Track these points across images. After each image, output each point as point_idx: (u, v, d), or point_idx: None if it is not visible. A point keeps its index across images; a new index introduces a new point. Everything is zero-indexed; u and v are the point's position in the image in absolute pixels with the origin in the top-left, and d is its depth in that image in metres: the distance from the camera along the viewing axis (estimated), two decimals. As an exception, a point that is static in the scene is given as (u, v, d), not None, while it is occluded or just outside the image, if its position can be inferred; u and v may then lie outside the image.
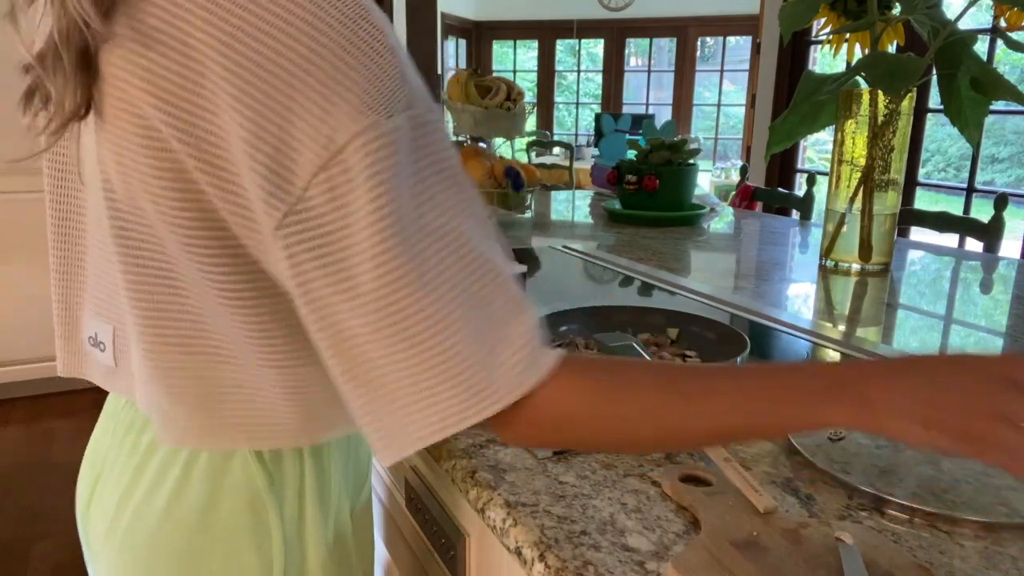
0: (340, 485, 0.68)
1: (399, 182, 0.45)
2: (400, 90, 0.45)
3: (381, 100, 0.44)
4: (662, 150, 1.98)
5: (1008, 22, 1.35)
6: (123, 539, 0.62)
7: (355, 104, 0.44)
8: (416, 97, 0.47)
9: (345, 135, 0.43)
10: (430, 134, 0.47)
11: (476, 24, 7.76)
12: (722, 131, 7.66)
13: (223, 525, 0.61)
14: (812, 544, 0.53)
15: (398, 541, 0.96)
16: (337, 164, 0.43)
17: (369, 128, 0.44)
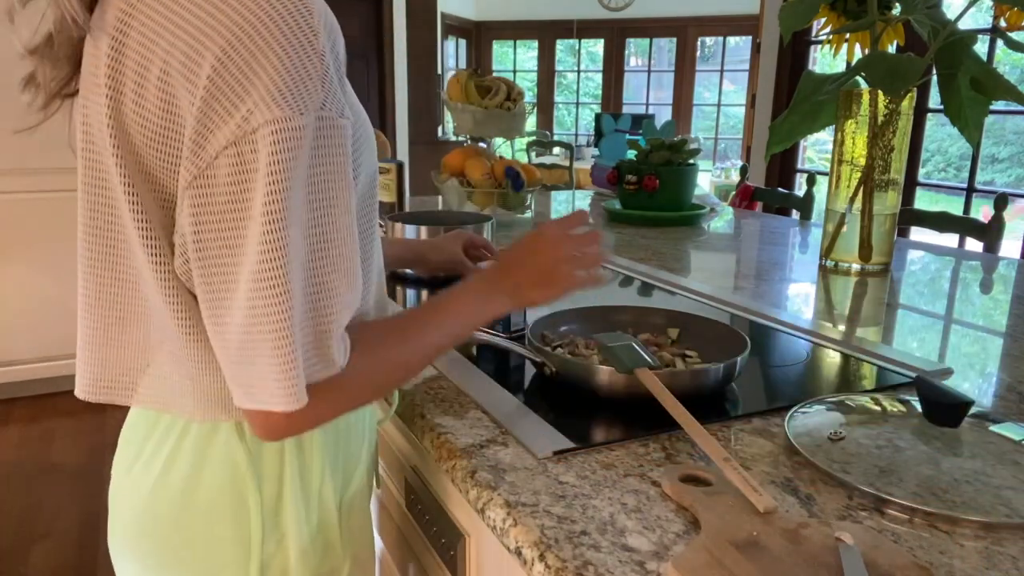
0: (325, 470, 0.69)
1: (296, 175, 0.51)
2: (317, 92, 0.51)
3: (298, 96, 0.50)
4: (662, 150, 1.98)
5: (1008, 22, 1.35)
6: (122, 505, 0.67)
7: (272, 92, 0.50)
8: (332, 103, 0.53)
9: (259, 119, 0.49)
10: (333, 139, 0.53)
11: (476, 24, 7.76)
12: (722, 131, 7.65)
13: (205, 497, 0.64)
14: (812, 544, 0.53)
15: (398, 541, 0.96)
16: (247, 143, 0.50)
17: (282, 119, 0.49)
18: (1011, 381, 0.92)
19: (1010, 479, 0.64)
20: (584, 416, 0.79)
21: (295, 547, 0.67)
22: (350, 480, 0.74)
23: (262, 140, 0.49)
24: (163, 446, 0.65)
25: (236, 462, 0.64)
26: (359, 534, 0.76)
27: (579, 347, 0.88)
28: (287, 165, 0.50)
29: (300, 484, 0.67)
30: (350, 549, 0.73)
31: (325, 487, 0.69)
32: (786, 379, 0.94)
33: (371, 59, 5.82)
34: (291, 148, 0.50)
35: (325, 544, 0.70)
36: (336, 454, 0.71)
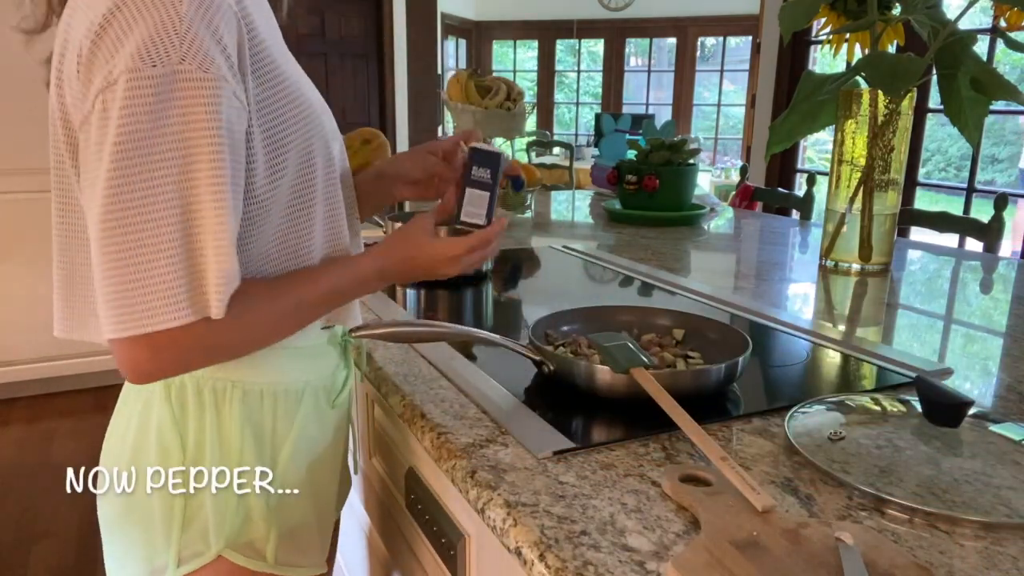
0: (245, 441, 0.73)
1: (142, 119, 0.57)
2: (175, 48, 0.57)
3: (152, 51, 0.57)
4: (662, 150, 1.98)
5: (1008, 22, 1.35)
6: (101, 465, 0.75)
7: (132, 50, 0.57)
8: (191, 56, 0.58)
9: (119, 70, 0.57)
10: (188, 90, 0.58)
11: (476, 24, 7.76)
12: (722, 131, 7.65)
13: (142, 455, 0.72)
14: (812, 544, 0.53)
15: (398, 541, 0.96)
16: (111, 91, 0.57)
17: (134, 69, 0.57)
18: (1011, 381, 0.92)
19: (1010, 479, 0.64)
20: (584, 416, 0.79)
21: (213, 511, 0.71)
22: (278, 453, 0.76)
23: (120, 88, 0.57)
24: (121, 411, 0.75)
25: (163, 424, 0.71)
26: (294, 511, 0.77)
27: (581, 347, 0.88)
28: (137, 110, 0.56)
29: (219, 448, 0.72)
30: (277, 524, 0.75)
31: (245, 457, 0.73)
32: (786, 379, 0.94)
33: (371, 59, 5.82)
34: (142, 95, 0.56)
35: (244, 514, 0.73)
36: (259, 425, 0.74)
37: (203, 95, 0.58)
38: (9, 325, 2.97)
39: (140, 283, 0.58)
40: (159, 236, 0.58)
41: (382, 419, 0.98)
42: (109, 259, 0.58)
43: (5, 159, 2.84)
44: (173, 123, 0.58)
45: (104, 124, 0.57)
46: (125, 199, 0.57)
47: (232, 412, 0.72)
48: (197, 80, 0.58)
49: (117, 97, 0.56)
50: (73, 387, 3.12)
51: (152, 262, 0.58)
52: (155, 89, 0.57)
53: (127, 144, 0.57)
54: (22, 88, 2.75)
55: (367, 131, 1.83)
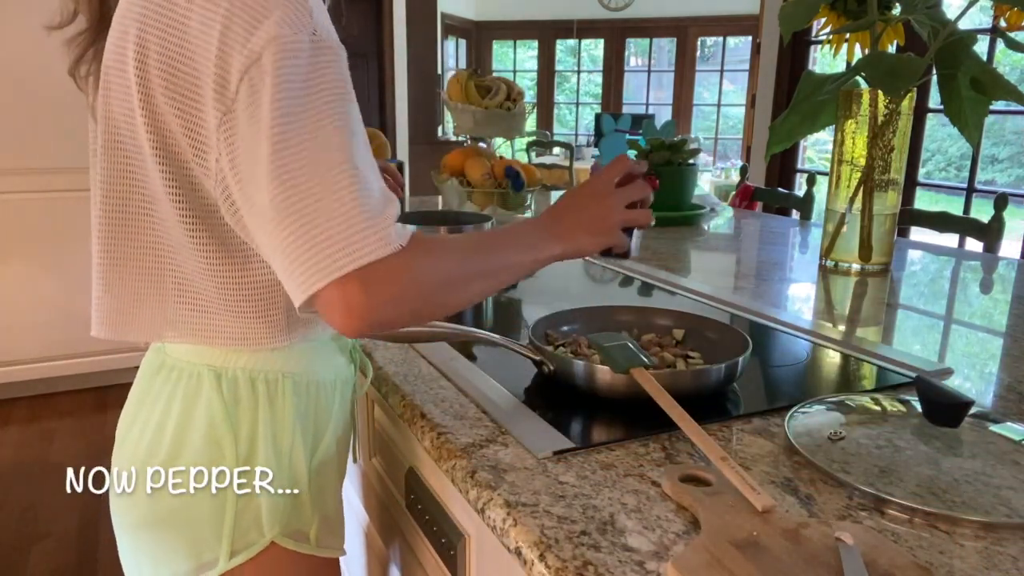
0: (296, 431, 0.73)
1: (295, 85, 0.58)
2: (307, 21, 0.59)
3: (292, 22, 0.58)
4: (662, 150, 1.98)
5: (1008, 22, 1.35)
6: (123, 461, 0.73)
7: (272, 24, 0.57)
8: (321, 29, 0.60)
9: (260, 43, 0.57)
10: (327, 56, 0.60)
11: (476, 24, 7.76)
12: (722, 131, 7.65)
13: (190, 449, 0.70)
14: (812, 544, 0.53)
15: (398, 541, 0.96)
16: (256, 68, 0.57)
17: (279, 37, 0.57)
18: (1011, 381, 0.92)
19: (1010, 479, 0.64)
20: (584, 416, 0.79)
21: (265, 501, 0.71)
22: (319, 443, 0.77)
23: (267, 57, 0.57)
24: (157, 404, 0.72)
25: (215, 417, 0.70)
26: (329, 496, 0.79)
27: (581, 347, 0.88)
28: (290, 69, 0.57)
29: (272, 443, 0.72)
30: (319, 510, 0.76)
31: (296, 448, 0.73)
32: (786, 379, 0.94)
33: (371, 59, 5.82)
34: (291, 56, 0.57)
35: (294, 502, 0.74)
36: (306, 416, 0.75)
37: (338, 60, 0.61)
38: (9, 325, 2.97)
39: (336, 224, 0.57)
40: (339, 180, 0.58)
41: (382, 419, 0.98)
42: (295, 215, 0.57)
43: (5, 159, 2.84)
44: (325, 77, 0.59)
45: (255, 99, 0.57)
46: (294, 153, 0.57)
47: (286, 404, 0.73)
48: (331, 48, 0.60)
49: (265, 65, 0.57)
50: (73, 387, 3.12)
51: (341, 203, 0.57)
52: (303, 55, 0.58)
53: (286, 106, 0.57)
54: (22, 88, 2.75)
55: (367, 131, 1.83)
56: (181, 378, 0.71)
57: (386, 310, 0.60)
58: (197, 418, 0.70)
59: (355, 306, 0.58)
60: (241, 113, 0.58)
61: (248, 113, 0.58)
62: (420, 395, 0.82)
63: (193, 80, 0.60)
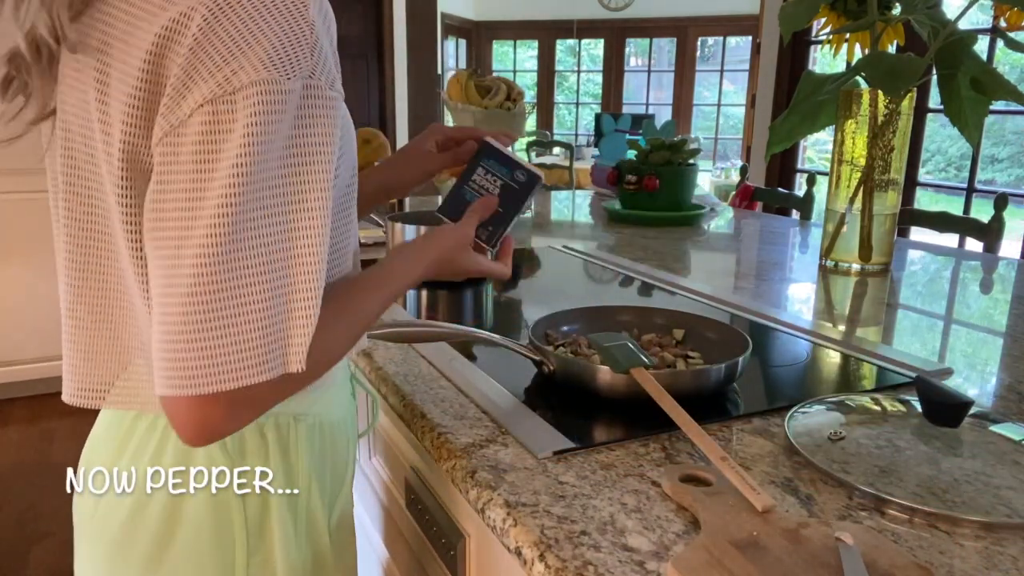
0: (312, 481, 0.65)
1: (273, 139, 0.49)
2: (307, 59, 0.50)
3: (286, 61, 0.49)
4: (662, 150, 1.98)
5: (1008, 22, 1.35)
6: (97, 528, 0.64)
7: (262, 57, 0.48)
8: (322, 73, 0.51)
9: (244, 79, 0.48)
10: (320, 108, 0.51)
11: (476, 24, 7.76)
12: (722, 131, 7.65)
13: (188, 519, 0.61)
14: (812, 544, 0.53)
15: (398, 541, 0.96)
16: (225, 103, 0.48)
17: (268, 81, 0.48)
18: (1011, 381, 0.92)
19: (1010, 479, 0.64)
20: (584, 416, 0.79)
21: (283, 567, 0.63)
22: (339, 491, 0.71)
23: (243, 100, 0.48)
24: (139, 462, 0.61)
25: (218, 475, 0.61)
26: (348, 548, 0.74)
27: (581, 347, 0.88)
28: (266, 129, 0.48)
29: (287, 497, 0.63)
30: (341, 565, 0.71)
31: (313, 499, 0.65)
32: (786, 379, 0.94)
33: (371, 59, 5.82)
34: (274, 111, 0.48)
35: (315, 562, 0.67)
36: (323, 463, 0.67)
37: (330, 113, 0.52)
38: (9, 325, 2.97)
39: (229, 332, 0.49)
40: (264, 278, 0.50)
41: (382, 419, 0.98)
42: (200, 302, 0.48)
43: (5, 159, 2.84)
44: (303, 141, 0.51)
45: (213, 139, 0.48)
46: (241, 230, 0.48)
47: (299, 453, 0.64)
48: (326, 97, 0.52)
49: (239, 109, 0.47)
50: (73, 387, 3.11)
51: (249, 307, 0.49)
52: (287, 105, 0.49)
53: (251, 166, 0.48)
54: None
55: (367, 131, 1.83)
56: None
57: (243, 425, 0.55)
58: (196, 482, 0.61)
59: (210, 426, 0.51)
60: (188, 148, 0.49)
61: (198, 151, 0.49)
62: (420, 395, 0.82)
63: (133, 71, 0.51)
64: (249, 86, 0.48)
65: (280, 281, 0.51)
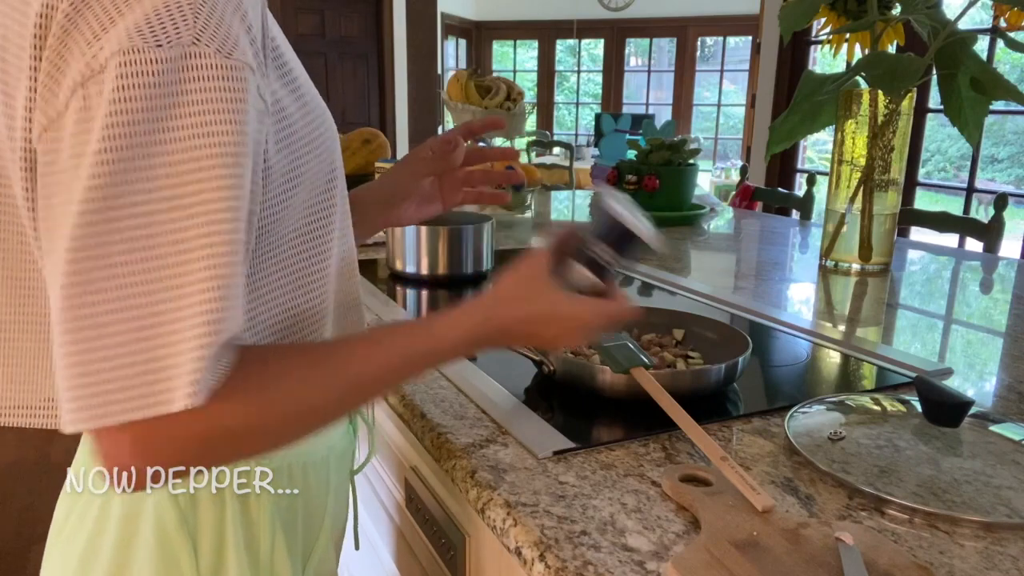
0: (276, 534, 0.59)
1: (141, 123, 0.41)
2: (188, 23, 0.42)
3: (157, 27, 0.41)
4: (662, 150, 1.98)
5: (1008, 22, 1.35)
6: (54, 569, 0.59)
7: (132, 26, 0.41)
8: (211, 38, 0.43)
9: (108, 54, 0.41)
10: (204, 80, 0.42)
11: (476, 24, 7.76)
12: (722, 131, 7.65)
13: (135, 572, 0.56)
14: (812, 544, 0.53)
15: (398, 541, 0.96)
16: (95, 83, 0.41)
17: (130, 50, 0.40)
18: (1011, 381, 0.92)
19: (1010, 479, 0.64)
20: (584, 416, 0.79)
21: None
22: (312, 547, 0.64)
23: (110, 75, 0.40)
24: (91, 506, 0.57)
25: (166, 527, 0.55)
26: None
27: (581, 347, 0.88)
28: (129, 107, 0.40)
29: (246, 552, 0.57)
30: None
31: (278, 554, 0.59)
32: (786, 379, 0.94)
33: (371, 59, 5.82)
34: (139, 86, 0.40)
35: None
36: (290, 512, 0.61)
37: (222, 87, 0.42)
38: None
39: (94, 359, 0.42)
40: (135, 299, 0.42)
41: (382, 419, 0.98)
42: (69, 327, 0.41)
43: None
44: (181, 124, 0.42)
45: (84, 127, 0.41)
46: (104, 239, 0.41)
47: (261, 499, 0.58)
48: (215, 67, 0.42)
49: (105, 89, 0.40)
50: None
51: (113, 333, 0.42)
52: (159, 78, 0.41)
53: (116, 153, 0.40)
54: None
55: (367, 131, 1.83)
56: None
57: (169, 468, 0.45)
58: (143, 530, 0.55)
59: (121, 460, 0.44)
60: (66, 138, 0.42)
61: (72, 143, 0.41)
62: (420, 395, 0.82)
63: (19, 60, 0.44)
64: (112, 58, 0.40)
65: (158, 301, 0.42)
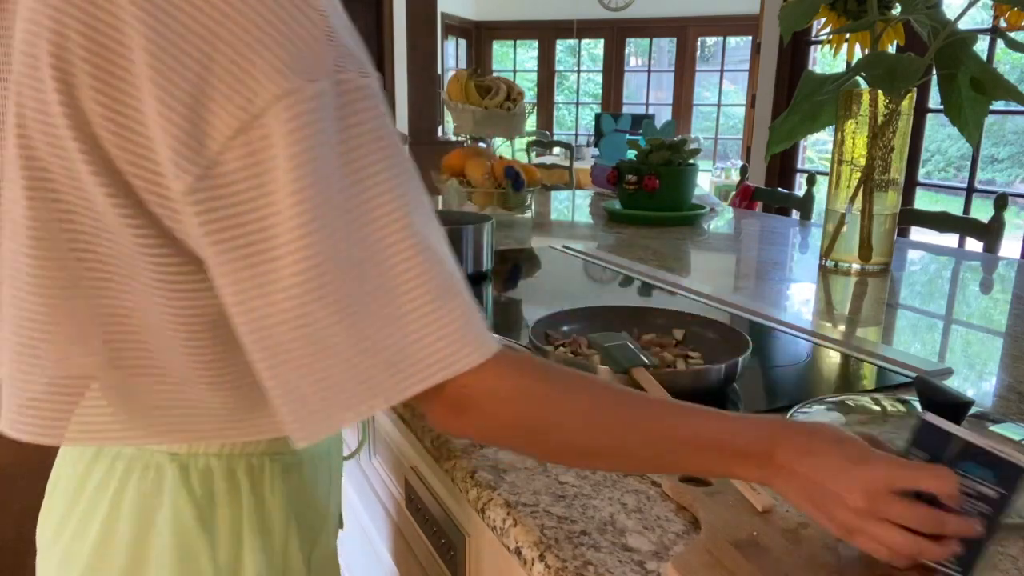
0: (290, 523, 0.61)
1: (323, 151, 0.43)
2: (326, 54, 0.43)
3: (304, 63, 0.42)
4: (662, 150, 1.98)
5: (1008, 22, 1.35)
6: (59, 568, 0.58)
7: (276, 66, 0.41)
8: (348, 62, 0.44)
9: (265, 98, 0.41)
10: (360, 101, 0.45)
11: (476, 24, 7.76)
12: (722, 131, 7.65)
13: (152, 567, 0.56)
14: (812, 544, 0.53)
15: (398, 541, 0.96)
16: (257, 128, 0.41)
17: (291, 92, 0.41)
18: (1011, 381, 0.92)
19: (1010, 479, 0.64)
20: (584, 416, 0.79)
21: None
22: (319, 534, 0.65)
23: (274, 120, 0.41)
24: (98, 505, 0.56)
25: (185, 523, 0.55)
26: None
27: (581, 347, 0.88)
28: (310, 143, 0.42)
29: (260, 546, 0.58)
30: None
31: (291, 543, 0.61)
32: (786, 379, 0.94)
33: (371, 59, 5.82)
34: (311, 123, 0.42)
35: None
36: (301, 504, 0.62)
37: (373, 105, 0.45)
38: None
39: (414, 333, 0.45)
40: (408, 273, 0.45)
41: (382, 419, 0.98)
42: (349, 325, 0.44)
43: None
44: (363, 135, 0.44)
45: (260, 172, 0.42)
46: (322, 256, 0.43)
47: (275, 494, 0.59)
48: (361, 88, 0.45)
49: (272, 133, 0.41)
50: (73, 387, 3.11)
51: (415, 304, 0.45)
52: (323, 111, 0.43)
53: (311, 190, 0.42)
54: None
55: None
56: (132, 472, 0.55)
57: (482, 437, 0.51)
58: (159, 527, 0.55)
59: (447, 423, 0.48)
60: (233, 187, 0.43)
61: (248, 190, 0.43)
62: (420, 395, 0.82)
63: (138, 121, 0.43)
64: (274, 103, 0.41)
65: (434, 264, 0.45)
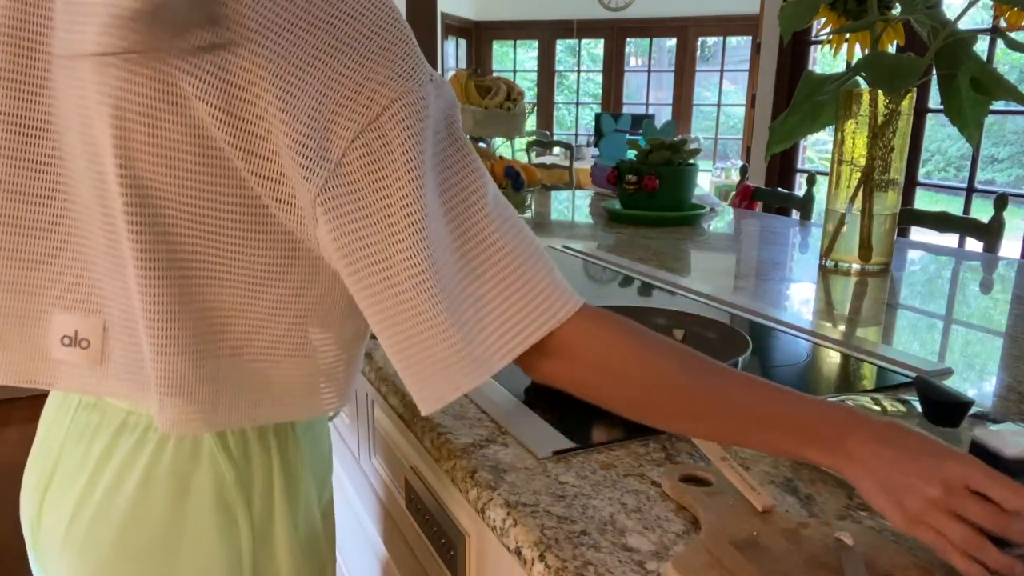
0: (308, 477, 0.68)
1: (428, 145, 0.49)
2: (420, 60, 0.50)
3: (412, 68, 0.49)
4: (662, 150, 1.98)
5: (1008, 22, 1.35)
6: (84, 542, 0.61)
7: (388, 75, 0.48)
8: (428, 66, 0.52)
9: (382, 101, 0.48)
10: (444, 97, 0.52)
11: (476, 24, 7.76)
12: (722, 131, 7.65)
13: (191, 523, 0.60)
14: (812, 544, 0.53)
15: (398, 541, 0.96)
16: (374, 129, 0.48)
17: (404, 94, 0.48)
18: (1011, 381, 0.92)
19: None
20: (584, 416, 0.79)
21: (286, 559, 0.65)
22: (326, 479, 0.74)
23: (389, 121, 0.48)
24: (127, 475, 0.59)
25: (224, 483, 0.60)
26: (332, 525, 0.78)
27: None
28: (419, 138, 0.49)
29: (287, 497, 0.65)
30: (331, 549, 0.75)
31: (310, 494, 0.68)
32: (786, 379, 0.94)
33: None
34: (420, 120, 0.49)
35: (313, 549, 0.70)
36: (314, 458, 0.70)
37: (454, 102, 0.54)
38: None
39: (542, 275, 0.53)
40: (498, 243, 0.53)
41: (382, 419, 0.98)
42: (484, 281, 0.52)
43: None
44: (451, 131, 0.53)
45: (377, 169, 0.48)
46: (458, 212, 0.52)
47: (299, 452, 0.66)
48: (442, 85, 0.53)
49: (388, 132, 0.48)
50: (73, 387, 3.12)
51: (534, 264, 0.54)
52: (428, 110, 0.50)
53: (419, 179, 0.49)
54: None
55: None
56: (167, 440, 0.59)
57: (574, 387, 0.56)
58: (198, 487, 0.59)
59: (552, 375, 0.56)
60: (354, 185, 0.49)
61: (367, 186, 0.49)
62: (420, 395, 0.82)
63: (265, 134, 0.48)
64: (390, 105, 0.48)
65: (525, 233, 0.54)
